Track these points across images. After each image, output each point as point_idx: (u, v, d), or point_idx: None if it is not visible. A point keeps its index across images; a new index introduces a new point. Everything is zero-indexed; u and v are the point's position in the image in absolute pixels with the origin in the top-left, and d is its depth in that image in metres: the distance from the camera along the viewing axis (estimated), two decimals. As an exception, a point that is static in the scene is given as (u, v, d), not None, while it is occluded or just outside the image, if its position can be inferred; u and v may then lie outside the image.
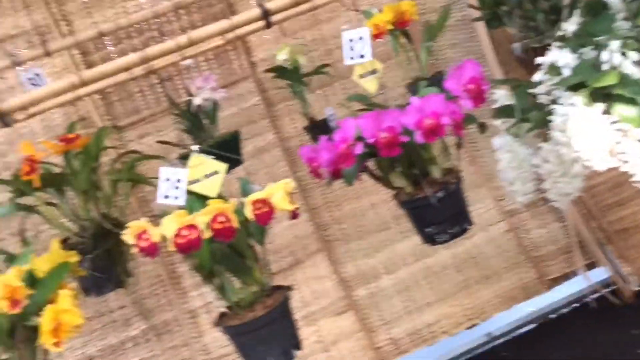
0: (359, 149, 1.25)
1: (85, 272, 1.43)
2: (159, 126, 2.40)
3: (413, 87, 1.92)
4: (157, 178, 1.86)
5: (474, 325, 2.36)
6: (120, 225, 1.75)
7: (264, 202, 1.24)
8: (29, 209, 1.72)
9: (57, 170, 1.73)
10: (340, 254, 2.45)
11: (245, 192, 1.38)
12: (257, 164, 2.44)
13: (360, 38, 1.37)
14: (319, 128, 1.95)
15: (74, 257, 1.34)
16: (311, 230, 2.44)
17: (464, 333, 2.36)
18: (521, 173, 1.56)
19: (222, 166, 1.37)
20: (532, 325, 2.40)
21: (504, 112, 1.54)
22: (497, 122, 1.63)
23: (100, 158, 1.77)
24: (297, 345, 1.37)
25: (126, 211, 1.77)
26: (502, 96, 1.61)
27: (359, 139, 1.27)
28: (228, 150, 1.72)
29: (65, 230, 1.71)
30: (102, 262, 1.69)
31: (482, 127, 1.42)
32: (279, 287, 1.42)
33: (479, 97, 1.27)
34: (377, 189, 2.50)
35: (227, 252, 1.33)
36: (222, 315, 1.40)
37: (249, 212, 1.24)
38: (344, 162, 1.27)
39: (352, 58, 1.34)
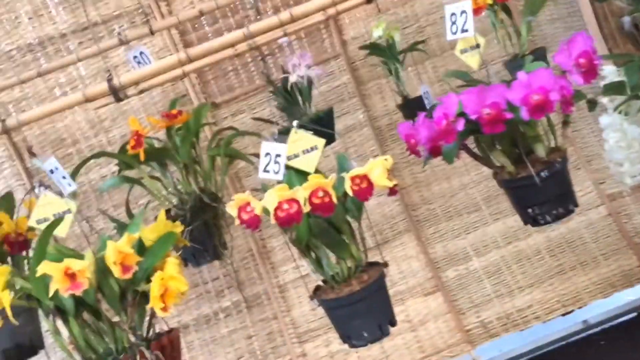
0: (461, 125, 1.23)
1: (188, 243, 1.48)
2: (251, 104, 2.45)
3: (511, 64, 1.86)
4: (251, 155, 1.91)
5: (569, 312, 2.28)
6: (217, 200, 1.82)
7: (364, 178, 1.24)
8: (134, 181, 1.81)
9: (159, 145, 1.81)
10: (428, 235, 2.42)
11: (342, 168, 1.39)
12: (346, 143, 2.45)
13: (463, 12, 1.33)
14: (412, 106, 1.93)
15: (178, 228, 1.40)
16: (399, 210, 2.43)
17: (558, 320, 2.28)
18: (630, 154, 1.48)
19: (320, 142, 1.38)
20: (633, 315, 2.29)
21: (613, 89, 1.47)
22: (604, 100, 1.55)
23: (200, 134, 1.83)
24: (392, 321, 1.38)
25: (223, 186, 1.83)
26: (610, 72, 1.54)
27: (461, 115, 1.24)
28: (322, 127, 1.73)
29: (167, 202, 1.78)
30: (200, 234, 1.76)
31: (592, 104, 1.35)
32: (374, 264, 1.43)
33: (590, 72, 1.21)
34: (468, 169, 2.47)
35: (325, 227, 1.34)
36: (318, 289, 1.42)
37: (348, 188, 1.24)
38: (445, 138, 1.25)
39: (454, 33, 1.31)
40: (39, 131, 2.41)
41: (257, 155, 1.91)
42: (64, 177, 1.32)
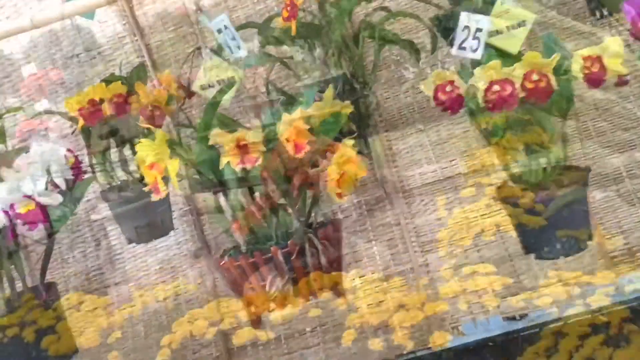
0: None
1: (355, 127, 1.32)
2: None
3: None
4: (404, 41, 1.70)
5: None
6: (367, 87, 1.65)
7: (596, 60, 1.02)
8: (277, 60, 1.64)
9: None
10: (575, 150, 2.18)
11: (550, 50, 1.17)
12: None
13: None
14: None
15: (348, 109, 1.23)
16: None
17: None
18: None
19: (530, 16, 1.16)
20: None
21: None
22: None
23: (354, 11, 1.63)
24: (590, 236, 1.20)
25: (375, 73, 1.65)
26: None
27: None
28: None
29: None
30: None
31: None
32: (571, 167, 1.24)
33: None
34: (637, 75, 2.18)
35: (522, 119, 1.15)
36: (501, 187, 1.24)
37: (578, 71, 1.03)
38: None
39: None
40: (160, 8, 2.26)
41: (408, 42, 1.71)
42: (233, 39, 1.16)
